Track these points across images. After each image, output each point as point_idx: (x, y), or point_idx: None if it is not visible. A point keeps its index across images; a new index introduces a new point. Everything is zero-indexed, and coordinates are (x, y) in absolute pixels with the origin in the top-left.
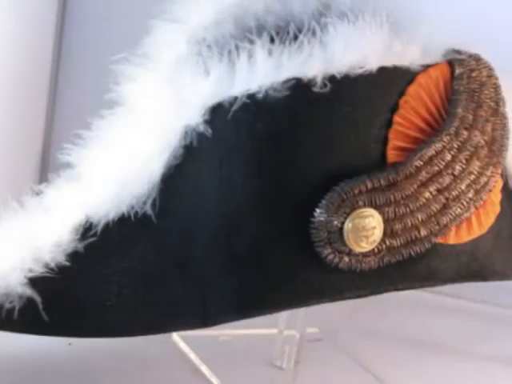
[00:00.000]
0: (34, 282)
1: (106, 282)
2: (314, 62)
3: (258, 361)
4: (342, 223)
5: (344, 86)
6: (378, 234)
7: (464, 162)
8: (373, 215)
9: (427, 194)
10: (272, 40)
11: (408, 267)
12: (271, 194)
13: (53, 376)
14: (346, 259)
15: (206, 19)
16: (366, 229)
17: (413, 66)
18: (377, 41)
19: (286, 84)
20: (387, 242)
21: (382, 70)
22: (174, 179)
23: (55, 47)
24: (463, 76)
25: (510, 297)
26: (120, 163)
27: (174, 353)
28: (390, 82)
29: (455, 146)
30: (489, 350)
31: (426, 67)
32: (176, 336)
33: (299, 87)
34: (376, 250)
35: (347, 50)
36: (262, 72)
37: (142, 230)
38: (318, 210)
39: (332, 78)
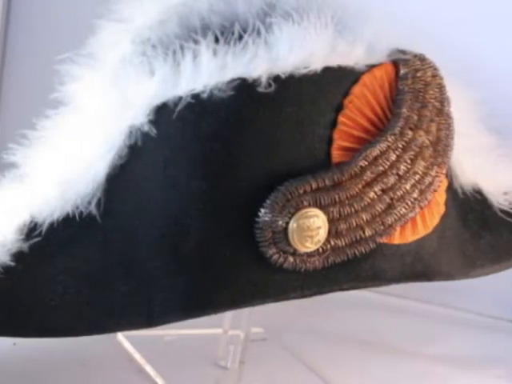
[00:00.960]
0: None
1: (51, 282)
2: (258, 62)
3: (202, 361)
4: (287, 223)
5: (289, 86)
6: (322, 234)
7: (409, 161)
8: (317, 215)
9: (372, 194)
10: (217, 40)
11: (353, 267)
12: (216, 194)
13: None
14: (291, 259)
15: (151, 19)
16: (311, 229)
17: (357, 65)
18: (321, 41)
19: (231, 84)
20: (332, 242)
21: (327, 70)
22: (119, 179)
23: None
24: (408, 76)
25: (455, 297)
26: (65, 163)
27: (118, 353)
28: (335, 82)
29: (400, 145)
30: (433, 350)
31: (371, 67)
32: (121, 336)
33: (244, 87)
34: (321, 249)
35: (292, 50)
36: (206, 72)
37: (86, 230)
38: (262, 210)
39: (277, 78)
